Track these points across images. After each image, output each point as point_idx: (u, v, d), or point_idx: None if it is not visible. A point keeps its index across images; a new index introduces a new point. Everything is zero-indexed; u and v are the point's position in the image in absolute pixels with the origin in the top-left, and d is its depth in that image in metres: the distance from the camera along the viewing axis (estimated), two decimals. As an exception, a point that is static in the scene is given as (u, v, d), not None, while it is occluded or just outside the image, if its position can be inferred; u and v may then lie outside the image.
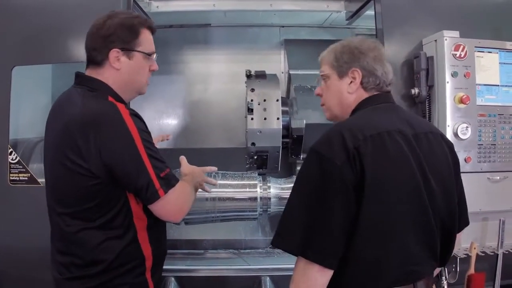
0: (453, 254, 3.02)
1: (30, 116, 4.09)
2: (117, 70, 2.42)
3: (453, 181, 2.18)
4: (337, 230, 1.89)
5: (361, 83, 2.23)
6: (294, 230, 1.95)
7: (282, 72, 5.03)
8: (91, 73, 2.45)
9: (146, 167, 2.24)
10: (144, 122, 2.38)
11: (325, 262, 1.91)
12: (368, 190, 1.88)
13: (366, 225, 1.90)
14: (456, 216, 2.16)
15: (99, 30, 2.40)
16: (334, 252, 1.91)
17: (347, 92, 2.27)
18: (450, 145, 2.24)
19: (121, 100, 2.41)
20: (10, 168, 3.48)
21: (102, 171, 2.23)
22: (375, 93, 2.24)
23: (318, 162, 1.95)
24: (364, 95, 2.24)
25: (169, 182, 2.31)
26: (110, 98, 2.35)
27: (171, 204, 2.33)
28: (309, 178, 1.99)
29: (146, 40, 2.50)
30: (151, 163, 2.25)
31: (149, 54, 2.51)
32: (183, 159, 2.86)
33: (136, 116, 2.32)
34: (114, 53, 2.39)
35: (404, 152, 1.99)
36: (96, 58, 2.42)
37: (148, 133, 2.35)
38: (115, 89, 2.42)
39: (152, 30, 2.57)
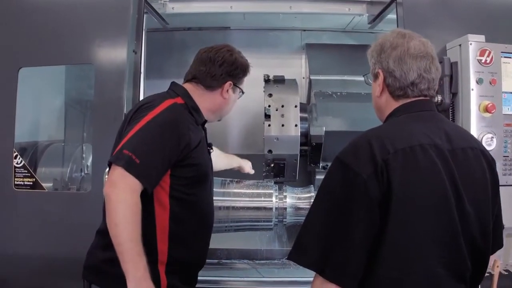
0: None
1: (42, 118, 4.05)
2: (224, 99, 2.86)
3: (489, 201, 2.02)
4: (358, 248, 1.79)
5: (387, 85, 2.10)
6: (312, 245, 1.85)
7: (303, 77, 4.92)
8: (191, 88, 2.81)
9: (127, 136, 2.41)
10: (185, 126, 2.55)
11: (344, 282, 1.80)
12: (394, 208, 1.77)
13: (390, 245, 1.79)
14: (490, 237, 2.02)
15: (224, 63, 2.81)
16: (353, 271, 1.80)
17: (376, 95, 2.17)
18: (490, 162, 2.08)
19: (194, 108, 2.73)
20: (15, 172, 3.41)
21: None
22: (410, 99, 2.08)
23: (342, 173, 1.85)
24: (391, 100, 2.11)
25: (120, 160, 2.33)
26: (180, 99, 2.70)
27: (111, 173, 2.36)
28: (331, 189, 1.88)
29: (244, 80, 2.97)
30: (129, 138, 2.40)
31: (243, 92, 2.99)
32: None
33: (174, 112, 2.56)
34: (228, 85, 2.83)
35: (437, 169, 1.85)
36: (210, 83, 2.81)
37: (169, 130, 2.47)
38: (207, 108, 2.83)
39: None
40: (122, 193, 2.28)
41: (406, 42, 2.06)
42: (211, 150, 3.00)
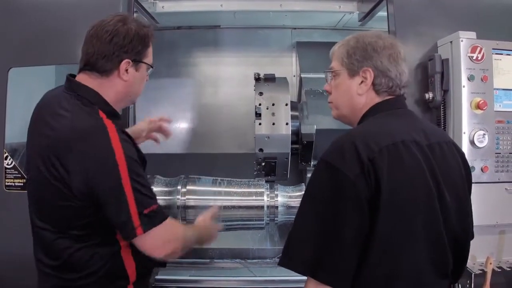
0: (468, 269, 2.89)
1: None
2: (125, 81, 2.33)
3: (467, 193, 2.07)
4: (350, 248, 1.78)
5: (373, 84, 2.09)
6: (303, 249, 1.83)
7: (294, 76, 4.93)
8: (87, 79, 2.31)
9: (128, 202, 2.09)
10: (134, 147, 2.28)
11: (338, 284, 1.79)
12: (384, 206, 1.76)
13: (380, 242, 1.79)
14: (469, 230, 2.06)
15: (114, 38, 2.27)
16: (347, 271, 1.79)
17: (356, 93, 2.13)
18: (462, 156, 2.12)
19: (112, 113, 2.31)
20: (6, 173, 3.40)
21: (84, 194, 2.12)
22: (388, 97, 2.10)
23: (329, 174, 1.83)
24: (375, 98, 2.11)
25: (152, 220, 2.15)
26: (101, 114, 2.24)
27: (153, 239, 2.18)
28: (319, 192, 1.87)
29: (150, 51, 2.45)
30: (134, 198, 2.10)
31: (152, 66, 2.47)
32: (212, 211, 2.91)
33: (126, 141, 2.19)
34: (125, 64, 2.30)
35: (420, 164, 1.87)
36: (103, 66, 2.29)
37: (138, 162, 2.20)
38: (113, 99, 2.34)
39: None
40: (174, 240, 2.30)
41: (394, 44, 2.11)
42: None
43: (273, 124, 3.76)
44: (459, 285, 3.00)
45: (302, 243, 1.84)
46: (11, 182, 3.38)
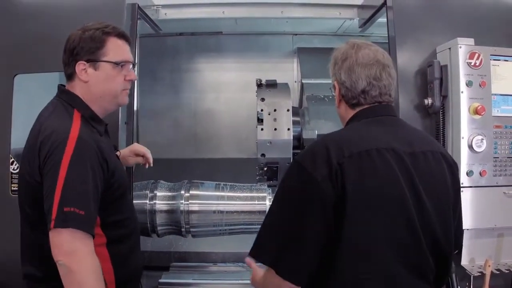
0: (466, 272, 2.91)
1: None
2: (85, 83, 2.43)
3: (450, 202, 2.08)
4: (311, 248, 1.86)
5: (342, 96, 2.15)
6: (269, 243, 1.92)
7: (295, 81, 4.97)
8: (73, 87, 2.46)
9: (55, 193, 2.12)
10: (103, 157, 2.32)
11: (294, 278, 1.88)
12: (349, 210, 1.81)
13: (347, 246, 1.85)
14: (452, 237, 2.07)
15: (66, 45, 2.45)
16: (304, 269, 1.88)
17: (336, 105, 2.23)
18: (451, 165, 2.13)
19: (91, 115, 2.43)
20: (12, 178, 3.41)
21: (40, 183, 2.23)
22: (368, 105, 2.12)
23: (298, 175, 1.91)
24: (348, 109, 2.16)
25: (67, 220, 2.09)
26: (76, 113, 2.37)
27: (59, 243, 2.11)
28: (288, 191, 1.96)
29: (115, 49, 2.48)
30: (62, 192, 2.12)
31: (117, 63, 2.47)
32: None
33: (85, 142, 2.25)
34: (80, 65, 2.40)
35: (393, 171, 1.90)
36: (67, 72, 2.47)
37: (91, 164, 2.23)
38: (87, 102, 2.44)
39: (125, 38, 2.56)
40: (85, 260, 2.12)
41: (355, 52, 2.10)
42: (119, 154, 2.78)
43: (275, 129, 3.80)
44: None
45: (268, 238, 1.93)
46: (17, 187, 3.39)
